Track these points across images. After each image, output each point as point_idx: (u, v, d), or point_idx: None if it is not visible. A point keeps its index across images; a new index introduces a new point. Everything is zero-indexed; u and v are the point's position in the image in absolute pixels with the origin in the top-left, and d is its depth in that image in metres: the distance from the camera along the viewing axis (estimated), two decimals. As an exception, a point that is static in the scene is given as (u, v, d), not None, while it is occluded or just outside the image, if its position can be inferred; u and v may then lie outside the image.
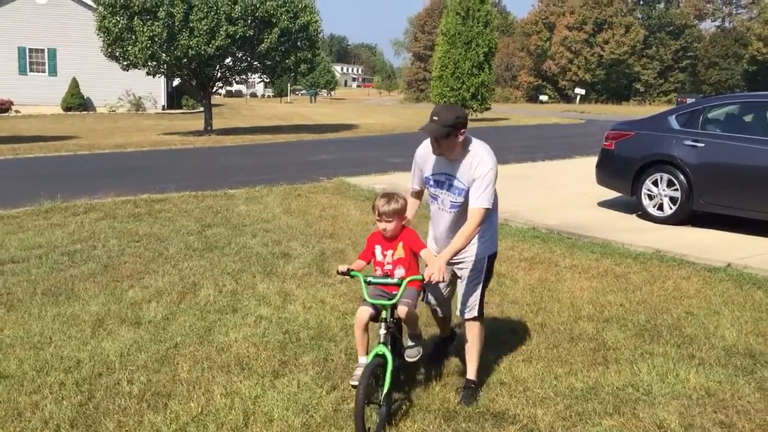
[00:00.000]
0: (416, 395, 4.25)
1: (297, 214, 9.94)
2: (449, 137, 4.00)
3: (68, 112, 38.31)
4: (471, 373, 4.37)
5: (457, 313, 4.42)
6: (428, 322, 5.14)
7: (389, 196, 4.09)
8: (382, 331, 3.90)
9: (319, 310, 5.79)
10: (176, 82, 42.67)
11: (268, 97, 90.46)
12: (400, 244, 4.12)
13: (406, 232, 4.16)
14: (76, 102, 39.05)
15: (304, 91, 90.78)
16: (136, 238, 8.36)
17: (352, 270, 4.01)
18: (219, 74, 26.76)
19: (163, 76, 29.81)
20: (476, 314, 4.31)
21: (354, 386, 3.79)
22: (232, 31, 23.61)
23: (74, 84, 38.80)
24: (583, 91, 67.44)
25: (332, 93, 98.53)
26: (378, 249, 4.17)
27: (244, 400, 4.16)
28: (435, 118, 3.99)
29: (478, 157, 4.07)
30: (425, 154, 4.25)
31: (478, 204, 4.01)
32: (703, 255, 7.69)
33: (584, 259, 7.55)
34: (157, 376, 4.55)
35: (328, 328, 5.39)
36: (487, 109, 35.84)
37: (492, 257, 4.36)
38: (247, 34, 24.11)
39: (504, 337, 5.28)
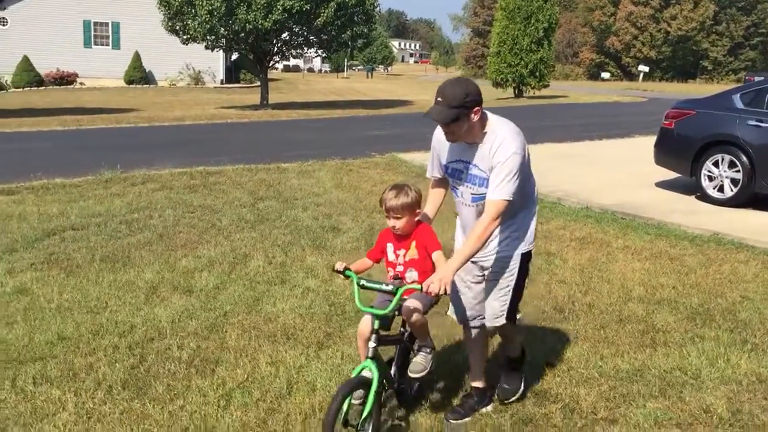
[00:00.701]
0: (453, 375, 4.25)
1: (348, 188, 10.00)
2: (459, 121, 3.31)
3: (130, 85, 39.22)
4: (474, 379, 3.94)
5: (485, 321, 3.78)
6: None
7: (399, 188, 3.54)
8: (372, 345, 3.38)
9: (365, 283, 5.83)
10: (235, 56, 43.19)
11: (325, 72, 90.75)
12: (413, 243, 3.57)
13: (421, 228, 3.59)
14: (138, 75, 39.93)
15: (360, 67, 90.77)
16: (190, 208, 8.55)
17: (349, 269, 3.49)
18: (276, 49, 26.96)
19: (221, 51, 30.22)
20: (503, 322, 3.69)
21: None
22: (289, 5, 23.70)
23: (136, 57, 39.66)
24: (646, 69, 65.35)
25: (389, 69, 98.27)
26: (390, 247, 3.65)
27: (289, 369, 4.25)
28: (439, 98, 3.31)
29: (499, 139, 3.38)
30: (443, 137, 3.54)
31: (495, 196, 3.33)
32: (764, 239, 7.44)
33: (638, 240, 7.40)
34: (206, 342, 4.67)
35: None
36: (546, 86, 35.17)
37: (526, 255, 3.67)
38: (304, 9, 24.16)
39: (550, 316, 5.24)
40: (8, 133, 16.92)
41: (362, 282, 3.42)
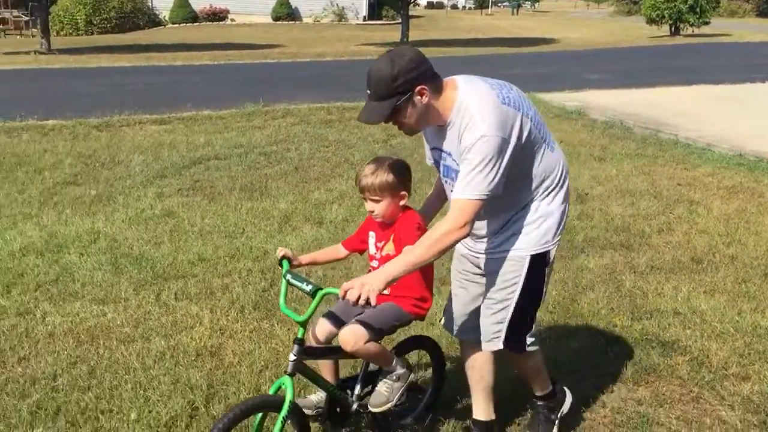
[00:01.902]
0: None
1: (482, 127, 9.84)
2: (401, 112, 2.46)
3: (277, 22, 40.25)
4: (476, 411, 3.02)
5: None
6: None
7: (379, 163, 2.72)
8: (292, 357, 2.63)
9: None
10: (377, -8, 43.12)
11: (469, 8, 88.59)
12: (393, 236, 2.78)
13: (404, 216, 2.77)
14: (285, 12, 40.84)
15: (506, 3, 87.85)
16: (325, 143, 8.78)
17: (287, 258, 2.78)
18: (418, -16, 26.62)
19: (364, -14, 30.25)
20: (500, 347, 2.77)
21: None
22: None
23: (283, -6, 40.54)
24: (826, 4, 58.80)
25: (536, 5, 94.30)
26: (372, 237, 2.89)
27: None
28: (368, 90, 2.48)
29: (467, 117, 2.45)
30: None
31: (459, 194, 2.43)
32: None
33: (795, 192, 6.81)
34: (332, 272, 4.83)
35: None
36: (706, 23, 32.48)
37: (540, 258, 2.67)
38: (448, -58, 23.57)
39: (687, 266, 4.98)
40: (163, 67, 17.99)
41: (289, 277, 2.69)
